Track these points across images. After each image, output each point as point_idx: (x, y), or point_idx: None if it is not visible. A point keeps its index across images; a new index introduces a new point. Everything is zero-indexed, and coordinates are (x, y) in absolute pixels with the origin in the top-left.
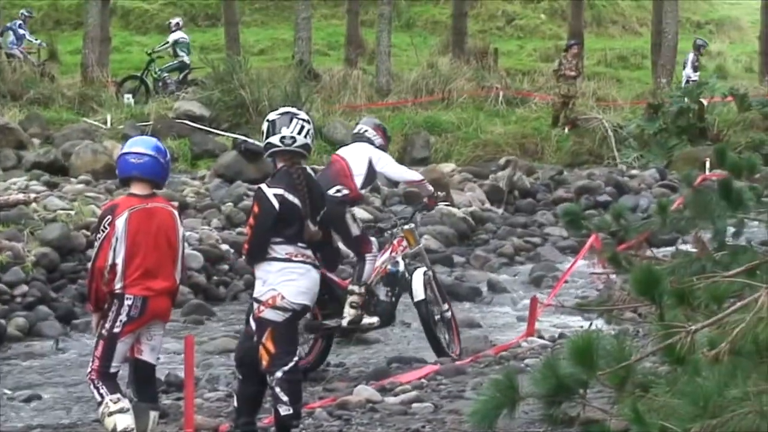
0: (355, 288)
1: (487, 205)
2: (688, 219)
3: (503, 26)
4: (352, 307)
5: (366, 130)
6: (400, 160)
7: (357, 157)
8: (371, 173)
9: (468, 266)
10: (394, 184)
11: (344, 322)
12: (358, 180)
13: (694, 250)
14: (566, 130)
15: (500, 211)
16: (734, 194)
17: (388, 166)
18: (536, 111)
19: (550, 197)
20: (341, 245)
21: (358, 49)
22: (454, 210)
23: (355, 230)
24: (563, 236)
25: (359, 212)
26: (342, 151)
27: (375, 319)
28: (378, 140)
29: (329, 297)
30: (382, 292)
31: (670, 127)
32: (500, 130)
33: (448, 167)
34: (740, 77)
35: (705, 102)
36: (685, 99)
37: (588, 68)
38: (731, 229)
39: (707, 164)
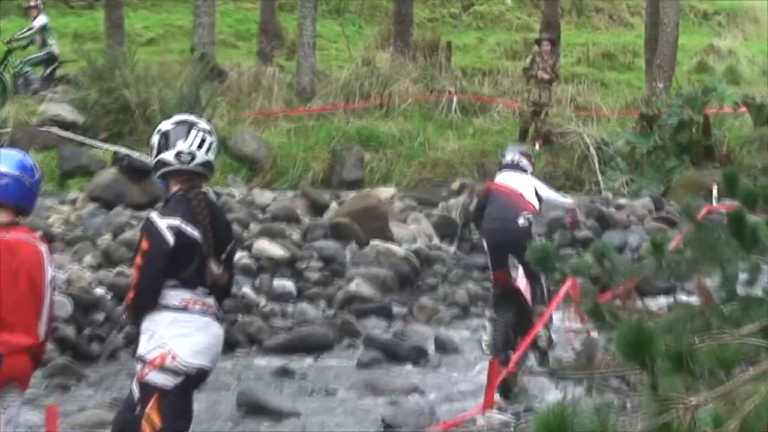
0: (543, 309)
1: (437, 241)
2: (689, 262)
3: (458, 14)
4: (545, 327)
5: (520, 160)
6: (326, 182)
7: (525, 188)
8: (539, 201)
9: (411, 319)
10: (319, 213)
11: (542, 343)
12: (534, 203)
13: (697, 301)
14: (537, 147)
15: (453, 249)
16: (748, 231)
17: (549, 192)
18: (499, 122)
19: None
20: None
21: (274, 41)
22: (394, 247)
23: None
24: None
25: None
26: (505, 181)
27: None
28: (530, 168)
29: (521, 318)
30: None
31: (667, 144)
32: (454, 146)
33: (386, 192)
34: (756, 82)
35: (712, 113)
36: (687, 109)
37: (565, 68)
38: (743, 276)
39: (714, 192)
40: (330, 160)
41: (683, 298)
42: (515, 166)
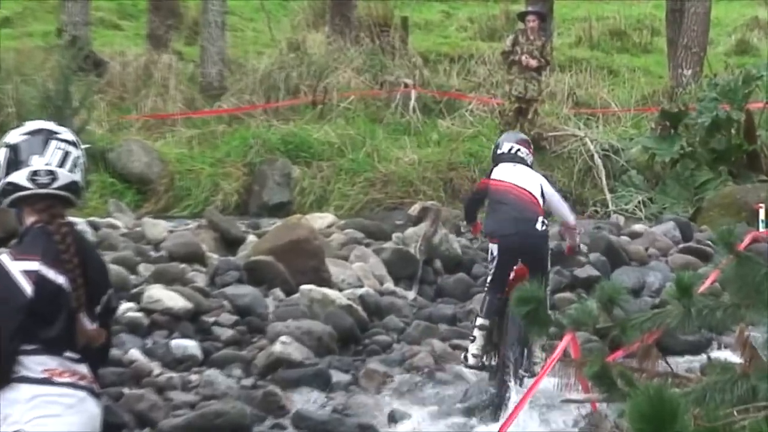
0: None
1: (390, 284)
2: (727, 308)
3: None
4: (543, 349)
5: (519, 149)
6: (241, 208)
7: (533, 185)
8: (545, 202)
9: (355, 389)
10: (232, 250)
11: (537, 368)
12: (541, 203)
13: (738, 360)
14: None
15: (411, 294)
16: None
17: (555, 197)
18: (473, 124)
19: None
20: None
21: (170, 19)
22: (332, 294)
23: (549, 265)
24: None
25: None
26: (510, 178)
27: None
28: (530, 158)
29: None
30: None
31: (698, 151)
32: (412, 157)
33: (322, 220)
34: None
35: (756, 109)
36: (724, 104)
37: (561, 52)
38: None
39: (762, 214)
40: (246, 178)
41: (720, 356)
42: (514, 157)
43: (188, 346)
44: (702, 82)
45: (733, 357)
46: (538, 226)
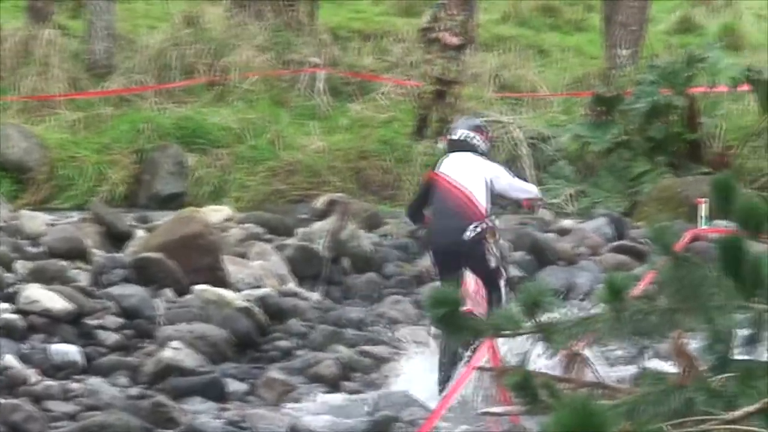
0: None
1: (293, 284)
2: (663, 313)
3: None
4: None
5: (467, 135)
6: (130, 199)
7: (473, 180)
8: (491, 193)
9: (253, 400)
10: (118, 246)
11: None
12: (484, 205)
13: (674, 370)
14: (441, 144)
15: (316, 296)
16: (748, 266)
17: (506, 184)
18: (388, 108)
19: (408, 271)
20: None
21: None
22: (229, 295)
23: (492, 263)
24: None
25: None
26: (452, 174)
27: None
28: (483, 146)
29: None
30: None
31: (635, 140)
32: (319, 145)
33: (218, 214)
34: (764, 47)
35: (700, 94)
36: (664, 88)
37: (486, 29)
38: (742, 332)
39: (702, 210)
40: (136, 166)
41: (653, 365)
42: (465, 145)
43: (69, 351)
44: (640, 64)
45: (668, 366)
46: (466, 234)
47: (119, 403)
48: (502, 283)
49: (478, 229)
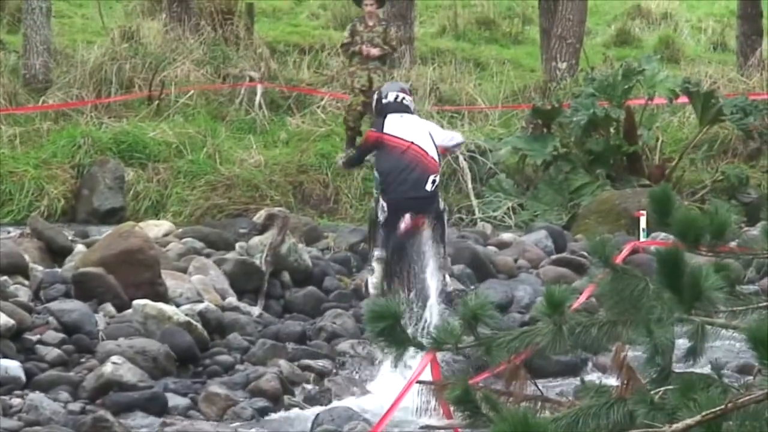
0: (442, 250)
1: (233, 299)
2: (603, 325)
3: None
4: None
5: (403, 98)
6: (69, 214)
7: (421, 136)
8: (435, 145)
9: (195, 414)
10: (58, 261)
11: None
12: (436, 158)
13: (615, 382)
14: (341, 161)
15: (257, 310)
16: (687, 278)
17: (441, 135)
18: (326, 122)
19: (348, 284)
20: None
21: None
22: (169, 309)
23: (441, 205)
24: (373, 358)
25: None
26: (401, 133)
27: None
28: (413, 105)
29: None
30: None
31: (573, 152)
32: (258, 159)
33: (158, 228)
34: (702, 59)
35: (637, 107)
36: (602, 101)
37: (423, 42)
38: (682, 343)
39: (642, 223)
40: (74, 181)
41: (594, 378)
42: (400, 106)
43: (9, 366)
44: (578, 77)
45: (609, 379)
46: (428, 187)
47: (60, 418)
48: (445, 216)
49: (434, 185)
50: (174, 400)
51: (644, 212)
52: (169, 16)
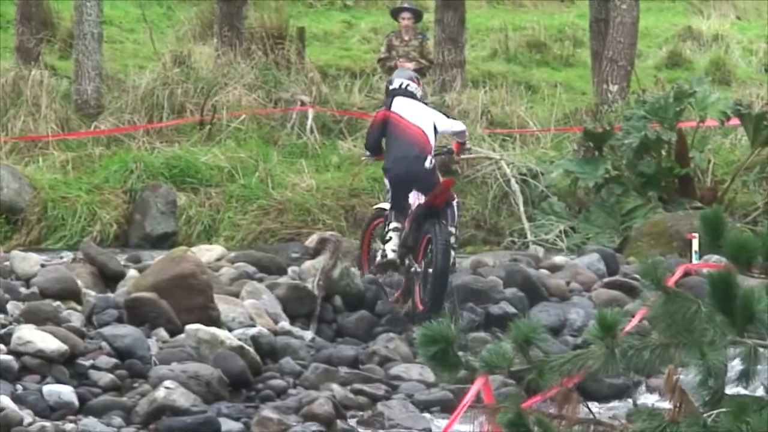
0: (452, 229)
1: (285, 323)
2: (655, 348)
3: None
4: (453, 249)
5: (409, 84)
6: (121, 239)
7: (425, 121)
8: (435, 132)
9: None
10: (111, 286)
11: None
12: (433, 141)
13: (667, 405)
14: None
15: (309, 334)
16: (739, 301)
17: (445, 122)
18: None
19: (401, 308)
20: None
21: (41, 31)
22: (222, 334)
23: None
24: (426, 381)
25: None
26: (404, 113)
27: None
28: (419, 92)
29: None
30: None
31: (625, 175)
32: (310, 183)
33: (210, 253)
34: (753, 81)
35: (689, 129)
36: (654, 123)
37: (474, 66)
38: (734, 366)
39: (694, 245)
40: (127, 206)
41: (647, 401)
42: (405, 92)
43: (62, 392)
44: (629, 99)
45: (661, 402)
46: (426, 164)
47: None
48: (454, 201)
49: (432, 162)
50: (227, 425)
51: (696, 234)
52: (220, 41)
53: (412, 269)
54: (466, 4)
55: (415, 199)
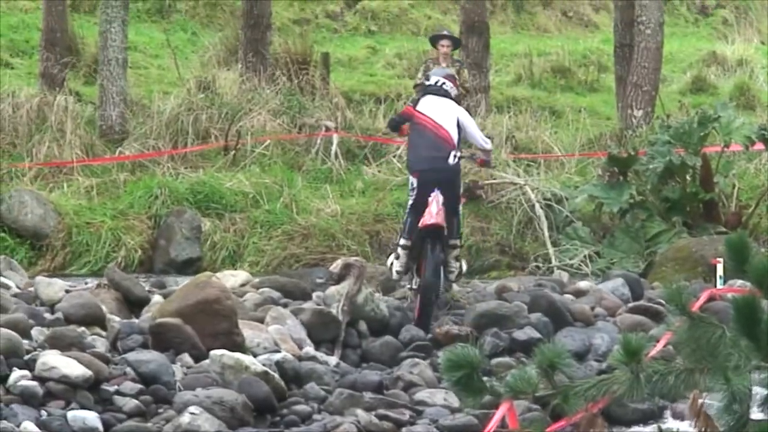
0: (457, 242)
1: (310, 348)
2: (680, 373)
3: (340, 12)
4: (456, 260)
5: (444, 83)
6: (146, 265)
7: (449, 120)
8: (461, 133)
9: None
10: (135, 312)
11: (452, 276)
12: (455, 141)
13: (692, 430)
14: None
15: (334, 359)
16: (765, 326)
17: (471, 127)
18: (401, 171)
19: (427, 334)
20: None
21: (66, 56)
22: (246, 359)
23: (460, 189)
24: (450, 407)
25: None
26: (429, 112)
27: (465, 266)
28: (454, 91)
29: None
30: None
31: (650, 200)
32: (334, 208)
33: (235, 278)
34: None
35: (714, 154)
36: (678, 148)
37: (498, 91)
38: (759, 392)
39: (719, 270)
40: (151, 231)
41: (672, 426)
42: (439, 90)
43: (87, 417)
44: (654, 124)
45: (686, 427)
46: (450, 160)
47: None
48: (460, 207)
49: (456, 159)
50: None
51: (721, 259)
52: (244, 67)
53: (415, 285)
54: (490, 30)
55: (434, 197)
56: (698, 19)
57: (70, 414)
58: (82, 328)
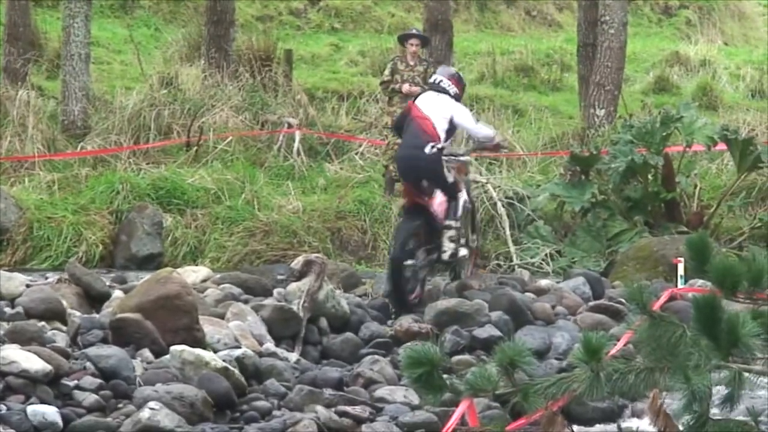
0: (452, 222)
1: (270, 345)
2: (640, 372)
3: (303, 10)
4: (451, 240)
5: (441, 80)
6: (107, 260)
7: (439, 114)
8: (452, 128)
9: None
10: (96, 307)
11: (445, 256)
12: (443, 136)
13: (651, 429)
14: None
15: (294, 356)
16: (726, 326)
17: (466, 121)
18: (364, 168)
19: (387, 331)
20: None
21: (28, 51)
22: (206, 355)
23: (450, 178)
24: (410, 404)
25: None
26: (422, 106)
27: (466, 251)
28: (453, 89)
29: (431, 232)
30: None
31: (611, 199)
32: (296, 205)
33: (195, 274)
34: (740, 107)
35: (676, 154)
36: (640, 148)
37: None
38: (719, 390)
39: (680, 269)
40: (113, 227)
41: (631, 425)
42: (438, 87)
43: (47, 412)
44: (616, 123)
45: (646, 426)
46: (426, 150)
47: None
48: (460, 195)
49: (434, 149)
50: None
51: (682, 259)
52: (207, 63)
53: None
54: (454, 28)
55: (439, 196)
56: (662, 19)
57: (30, 408)
58: (43, 323)
